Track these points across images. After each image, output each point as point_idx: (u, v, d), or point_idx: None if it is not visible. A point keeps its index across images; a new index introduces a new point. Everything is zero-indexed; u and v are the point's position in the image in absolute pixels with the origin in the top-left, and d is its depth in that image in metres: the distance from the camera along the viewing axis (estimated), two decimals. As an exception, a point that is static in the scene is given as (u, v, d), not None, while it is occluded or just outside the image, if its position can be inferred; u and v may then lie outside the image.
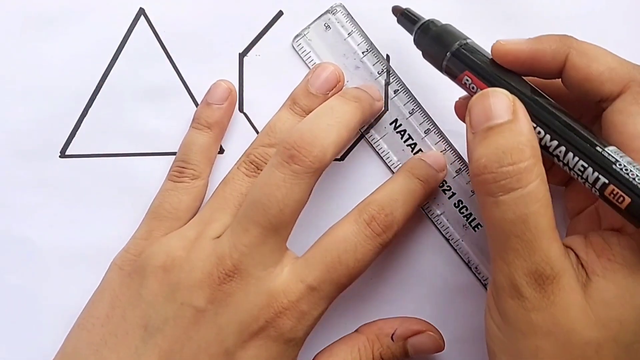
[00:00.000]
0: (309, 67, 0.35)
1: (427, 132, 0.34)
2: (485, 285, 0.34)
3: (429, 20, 0.31)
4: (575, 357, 0.26)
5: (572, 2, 0.35)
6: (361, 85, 0.34)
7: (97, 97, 0.35)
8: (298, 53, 0.35)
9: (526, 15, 0.34)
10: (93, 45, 0.35)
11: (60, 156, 0.35)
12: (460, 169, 0.34)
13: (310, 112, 0.33)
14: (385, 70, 0.34)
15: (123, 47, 0.35)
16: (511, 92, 0.27)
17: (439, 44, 0.30)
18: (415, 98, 0.34)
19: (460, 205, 0.34)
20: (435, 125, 0.34)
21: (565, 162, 0.27)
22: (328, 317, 0.31)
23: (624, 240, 0.26)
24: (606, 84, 0.27)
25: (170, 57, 0.35)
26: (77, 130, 0.35)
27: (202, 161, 0.34)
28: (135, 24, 0.35)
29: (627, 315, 0.26)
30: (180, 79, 0.35)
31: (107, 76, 0.35)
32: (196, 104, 0.35)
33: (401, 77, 0.35)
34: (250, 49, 0.35)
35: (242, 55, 0.35)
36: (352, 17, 0.35)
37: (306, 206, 0.30)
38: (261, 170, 0.32)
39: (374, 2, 0.34)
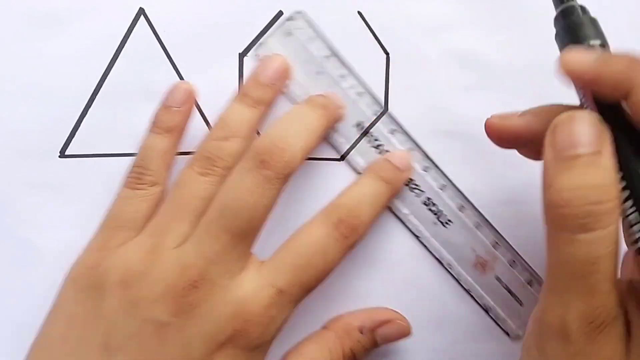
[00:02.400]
0: None
1: (392, 132, 0.34)
2: (454, 277, 0.35)
3: (576, 5, 0.28)
4: None
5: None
6: (323, 93, 0.34)
7: (97, 97, 0.35)
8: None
9: (528, 16, 0.34)
10: (93, 45, 0.35)
11: (60, 156, 0.35)
12: (427, 166, 0.34)
13: (262, 103, 0.33)
14: (348, 74, 0.34)
15: (123, 47, 0.35)
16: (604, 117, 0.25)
17: (569, 35, 0.28)
18: (378, 101, 0.34)
19: (430, 203, 0.34)
20: (399, 125, 0.35)
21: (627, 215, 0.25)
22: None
23: None
24: None
25: (170, 57, 0.35)
26: (77, 130, 0.35)
27: (162, 166, 0.33)
28: (135, 24, 0.35)
29: None
30: (180, 79, 0.35)
31: (107, 76, 0.35)
32: (196, 105, 0.35)
33: (365, 80, 0.35)
34: (250, 49, 0.35)
35: (242, 55, 0.35)
36: (313, 24, 0.34)
37: (304, 204, 0.30)
38: (216, 167, 0.31)
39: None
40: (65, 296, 0.31)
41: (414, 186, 0.34)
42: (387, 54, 0.35)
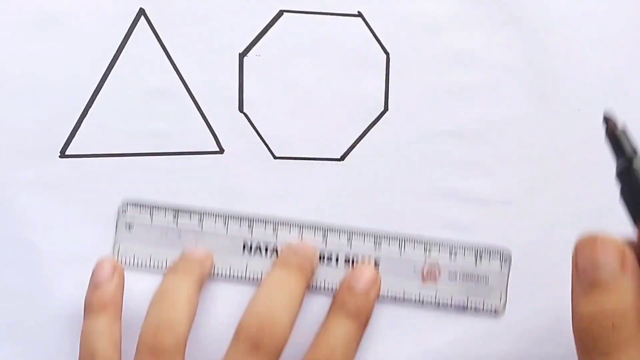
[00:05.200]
0: None
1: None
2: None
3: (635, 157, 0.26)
4: None
5: (576, 2, 0.35)
6: (293, 246, 0.33)
7: (97, 97, 0.35)
8: None
9: (528, 17, 0.34)
10: (93, 45, 0.35)
11: (60, 156, 0.35)
12: None
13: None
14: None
15: (123, 48, 0.35)
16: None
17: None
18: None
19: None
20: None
21: None
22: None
23: None
24: None
25: (170, 57, 0.35)
26: (77, 130, 0.35)
27: (110, 348, 0.31)
28: (136, 24, 0.35)
29: None
30: (180, 79, 0.35)
31: (107, 76, 0.35)
32: (196, 105, 0.35)
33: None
34: (250, 49, 0.35)
35: (242, 55, 0.35)
36: None
37: (304, 204, 0.30)
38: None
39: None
40: None
41: None
42: (387, 54, 0.35)
